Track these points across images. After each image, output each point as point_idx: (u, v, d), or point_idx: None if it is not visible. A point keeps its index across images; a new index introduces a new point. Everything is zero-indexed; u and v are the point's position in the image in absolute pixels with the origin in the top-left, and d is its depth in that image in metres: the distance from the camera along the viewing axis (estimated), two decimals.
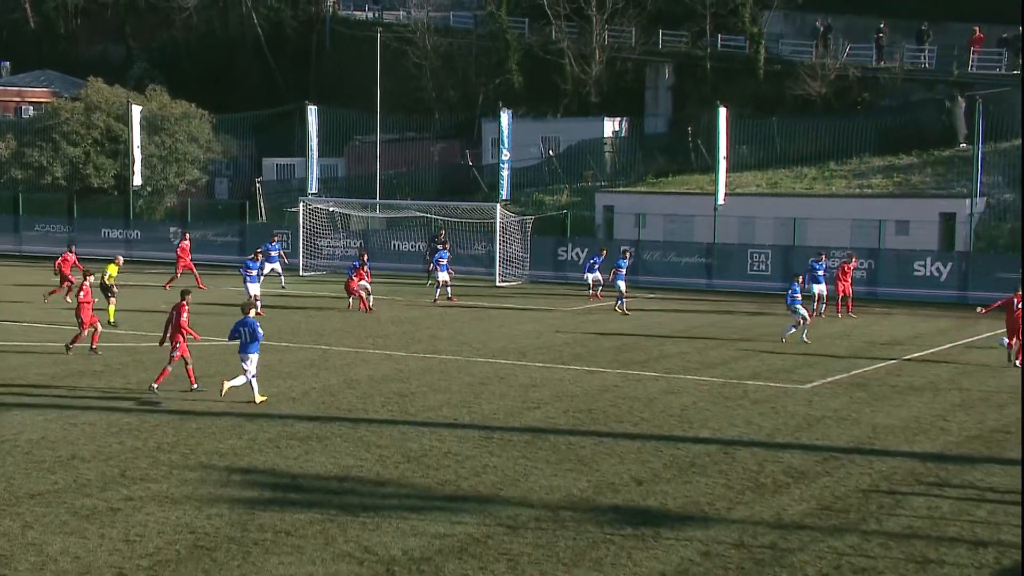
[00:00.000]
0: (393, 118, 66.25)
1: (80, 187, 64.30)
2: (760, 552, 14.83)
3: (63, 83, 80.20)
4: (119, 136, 63.28)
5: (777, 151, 58.65)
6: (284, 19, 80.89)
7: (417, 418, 22.11)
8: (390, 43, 66.26)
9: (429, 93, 72.08)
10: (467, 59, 73.22)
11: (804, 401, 24.27)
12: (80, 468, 18.23)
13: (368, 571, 13.90)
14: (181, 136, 65.63)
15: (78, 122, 64.91)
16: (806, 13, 65.72)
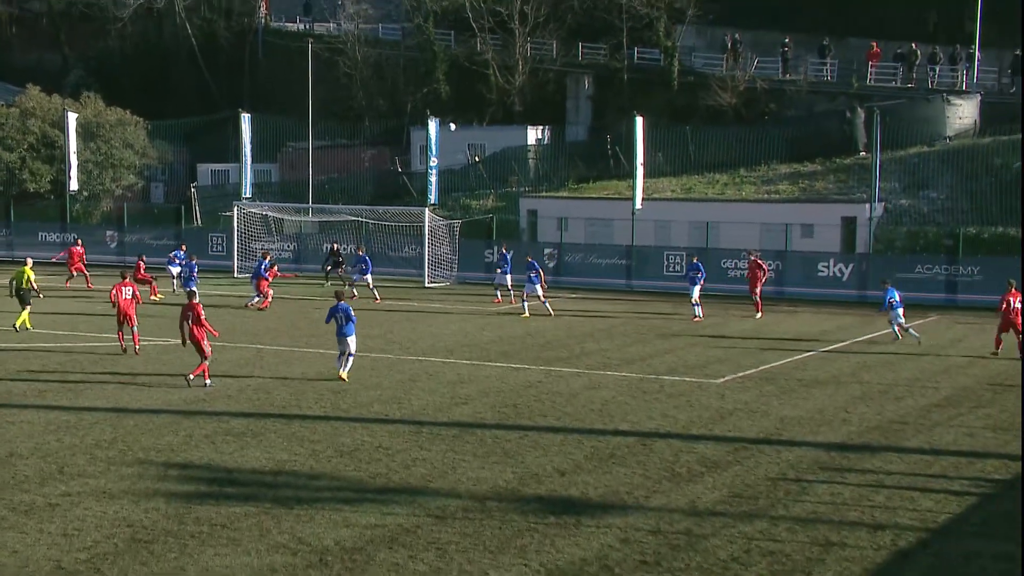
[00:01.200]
0: (325, 125, 65.85)
1: (17, 192, 63.09)
2: (675, 538, 14.98)
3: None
4: (55, 142, 62.19)
5: (691, 158, 59.16)
6: (217, 30, 79.98)
7: (349, 414, 22.02)
8: (321, 53, 65.86)
9: (360, 102, 71.74)
10: (396, 69, 73.03)
11: (717, 395, 24.54)
12: (18, 465, 17.92)
13: (302, 561, 13.84)
14: (116, 142, 64.67)
15: (13, 128, 63.71)
16: (716, 28, 66.41)
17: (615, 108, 64.97)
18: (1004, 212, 48.44)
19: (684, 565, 13.99)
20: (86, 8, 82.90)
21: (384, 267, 49.57)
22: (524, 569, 13.73)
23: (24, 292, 32.19)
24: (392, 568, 13.68)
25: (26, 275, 32.61)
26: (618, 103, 64.85)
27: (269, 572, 13.46)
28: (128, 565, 13.60)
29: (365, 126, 71.04)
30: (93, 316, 35.14)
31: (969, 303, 40.63)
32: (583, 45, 67.90)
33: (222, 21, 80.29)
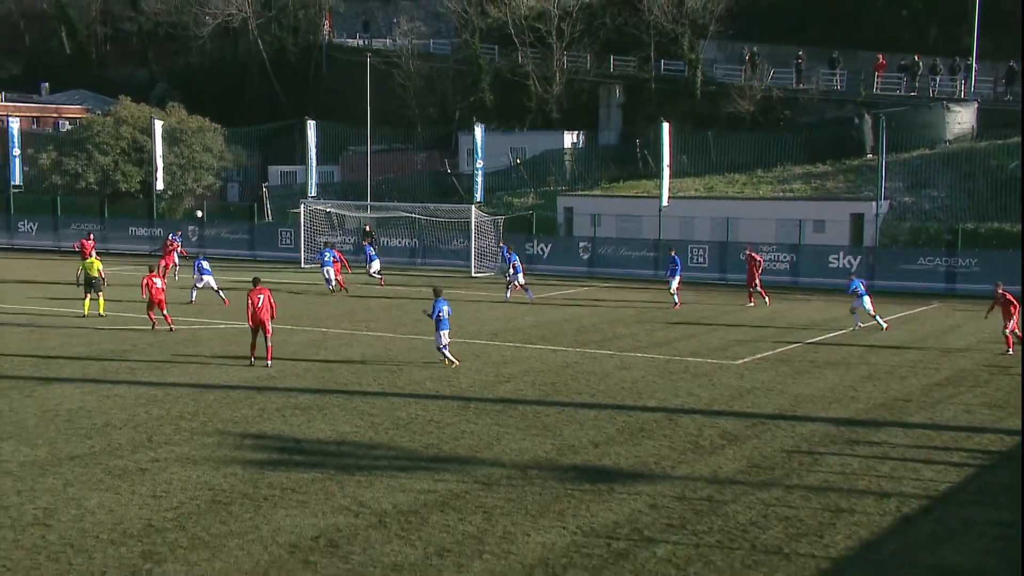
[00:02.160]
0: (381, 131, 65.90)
1: (110, 191, 63.65)
2: (699, 504, 14.91)
3: (95, 101, 79.36)
4: (144, 147, 62.67)
5: (712, 160, 58.78)
6: (286, 46, 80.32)
7: (404, 390, 22.08)
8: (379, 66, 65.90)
9: (413, 110, 71.82)
10: (445, 80, 73.03)
11: (736, 375, 24.38)
12: (113, 434, 18.11)
13: (363, 522, 13.89)
14: (197, 147, 65.06)
15: (108, 135, 64.24)
16: (736, 42, 65.88)
17: (643, 115, 64.63)
18: (999, 209, 47.84)
19: (707, 528, 13.92)
20: (171, 28, 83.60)
21: (435, 258, 49.70)
22: (562, 531, 13.72)
23: (96, 281, 32.26)
24: (443, 529, 13.70)
25: (95, 265, 32.80)
26: (646, 110, 64.51)
27: (334, 531, 13.53)
28: (209, 523, 13.72)
29: (417, 132, 71.12)
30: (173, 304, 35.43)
31: (967, 292, 40.09)
32: (614, 58, 67.62)
33: (290, 38, 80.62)
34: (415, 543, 13.19)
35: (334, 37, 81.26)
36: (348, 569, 12.34)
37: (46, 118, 79.27)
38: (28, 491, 14.91)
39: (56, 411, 19.64)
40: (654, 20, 64.96)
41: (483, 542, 13.28)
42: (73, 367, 23.84)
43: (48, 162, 64.08)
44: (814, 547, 13.34)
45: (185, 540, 13.12)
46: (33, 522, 13.68)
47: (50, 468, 16.03)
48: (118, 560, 12.47)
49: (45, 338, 27.83)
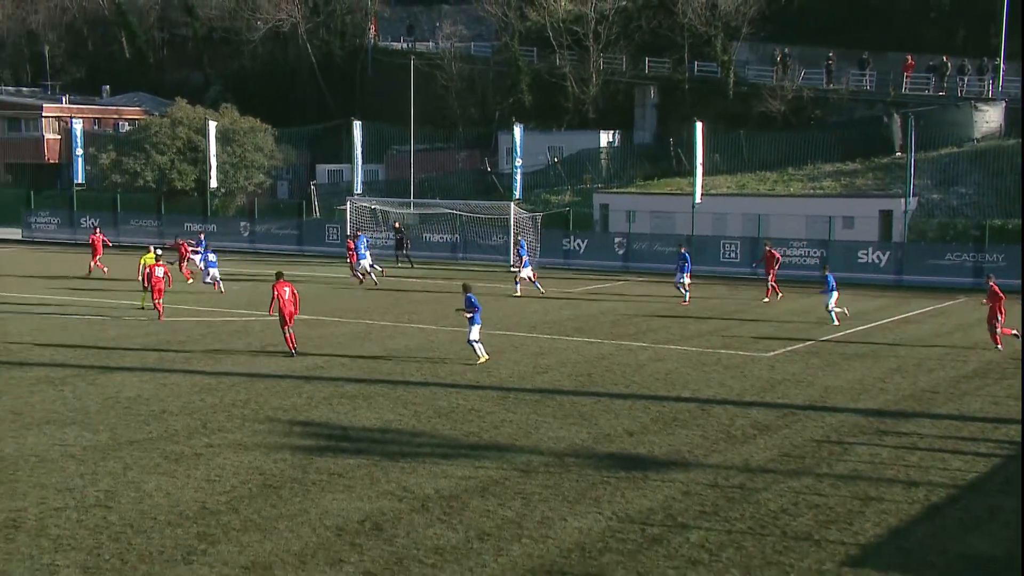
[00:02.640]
0: (424, 131, 66.05)
1: (167, 189, 64.31)
2: (731, 491, 14.82)
3: (152, 103, 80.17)
4: (198, 147, 63.24)
5: (744, 159, 58.37)
6: (333, 49, 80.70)
7: (445, 381, 22.12)
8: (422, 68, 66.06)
9: (454, 110, 71.91)
10: (486, 82, 73.04)
11: (767, 367, 24.21)
12: (169, 420, 18.30)
13: (406, 506, 13.94)
14: (249, 147, 65.56)
15: (165, 135, 64.90)
16: (768, 43, 65.38)
17: (677, 115, 64.28)
18: None
19: (739, 515, 13.83)
20: (224, 33, 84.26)
21: (475, 253, 49.72)
22: (598, 516, 13.69)
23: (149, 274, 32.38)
24: (484, 514, 13.72)
25: (151, 259, 32.81)
26: (680, 110, 64.16)
27: (379, 515, 13.58)
28: (260, 507, 13.82)
29: (459, 131, 71.21)
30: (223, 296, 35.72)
31: None
32: (649, 59, 67.32)
33: (337, 42, 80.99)
34: (456, 527, 13.21)
35: (379, 41, 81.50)
36: (392, 551, 12.39)
37: (107, 119, 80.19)
38: (91, 474, 15.11)
39: (116, 398, 19.87)
40: (688, 23, 64.64)
41: (522, 527, 13.28)
42: (132, 357, 24.11)
43: (108, 161, 64.86)
44: (843, 534, 13.22)
45: (238, 522, 13.23)
46: (95, 503, 13.85)
47: (111, 452, 16.23)
48: (175, 540, 12.60)
49: (106, 329, 28.17)
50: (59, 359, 23.57)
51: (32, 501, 13.89)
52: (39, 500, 13.94)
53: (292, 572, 11.74)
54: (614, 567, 12.09)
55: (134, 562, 11.94)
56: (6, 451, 16.21)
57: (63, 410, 18.89)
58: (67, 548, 12.31)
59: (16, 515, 13.36)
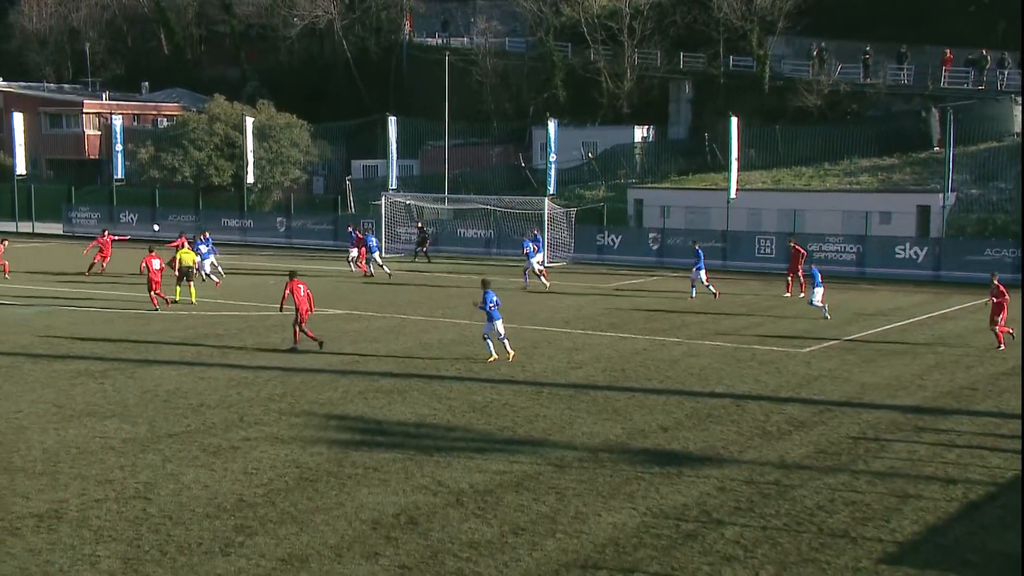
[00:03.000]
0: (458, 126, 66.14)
1: (204, 184, 64.84)
2: (767, 488, 14.73)
3: (191, 99, 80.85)
4: (235, 142, 63.71)
5: (780, 153, 57.98)
6: (369, 45, 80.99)
7: (480, 375, 22.15)
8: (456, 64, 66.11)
9: (488, 106, 71.95)
10: (520, 77, 73.00)
11: (803, 362, 24.03)
12: (207, 414, 18.46)
13: (441, 501, 13.98)
14: (285, 142, 65.95)
15: (203, 131, 65.43)
16: (804, 38, 64.85)
17: (712, 110, 63.92)
18: None
19: (774, 511, 13.75)
20: (261, 29, 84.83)
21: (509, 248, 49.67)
22: (632, 512, 13.66)
23: (188, 270, 32.62)
24: (518, 508, 13.73)
25: (191, 256, 33.01)
26: (714, 105, 63.78)
27: (414, 509, 13.63)
28: (297, 499, 13.92)
29: (493, 127, 71.24)
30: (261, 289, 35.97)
31: None
32: (684, 54, 67.01)
33: (372, 38, 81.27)
34: (491, 521, 13.23)
35: (414, 36, 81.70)
36: (427, 545, 12.43)
37: (146, 115, 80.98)
38: (130, 466, 15.28)
39: (155, 392, 20.08)
40: (723, 17, 64.26)
41: (556, 522, 13.27)
42: (171, 351, 24.34)
43: (147, 157, 65.50)
44: (880, 531, 13.10)
45: (275, 515, 13.33)
46: (135, 495, 14.01)
47: (150, 445, 16.40)
48: (213, 532, 12.71)
49: (146, 323, 28.46)
50: (99, 352, 23.85)
51: (73, 492, 14.07)
52: (80, 491, 14.12)
53: (328, 565, 11.81)
54: (648, 562, 12.06)
55: (173, 553, 12.06)
56: (48, 443, 16.43)
57: (103, 403, 19.11)
58: (108, 539, 12.46)
59: (58, 506, 13.53)
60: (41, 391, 19.93)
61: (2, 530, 12.65)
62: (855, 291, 38.00)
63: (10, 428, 17.25)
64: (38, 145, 74.95)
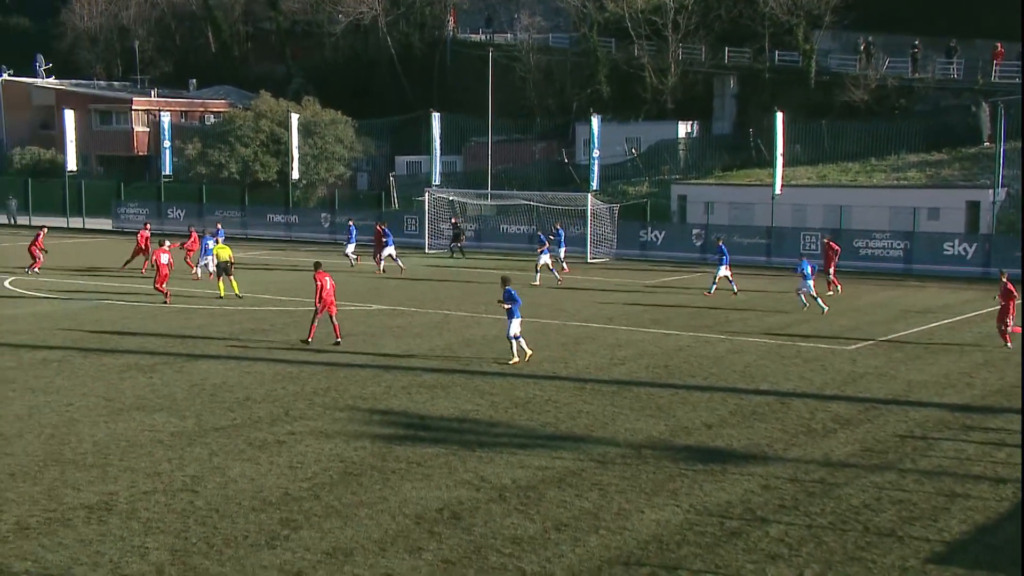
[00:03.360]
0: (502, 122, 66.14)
1: (250, 180, 65.44)
2: (812, 486, 14.60)
3: (237, 96, 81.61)
4: (281, 139, 64.22)
5: (826, 149, 57.37)
6: (413, 42, 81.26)
7: (522, 371, 22.14)
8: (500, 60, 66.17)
9: (532, 101, 71.91)
10: (563, 73, 72.89)
11: (849, 360, 23.78)
12: (253, 408, 18.64)
13: (484, 496, 14.00)
14: (330, 139, 66.39)
15: (249, 128, 66.03)
16: (851, 32, 64.09)
17: (757, 105, 63.42)
18: None
19: (820, 510, 13.63)
20: (307, 26, 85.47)
21: None
22: (676, 509, 13.60)
23: (225, 264, 32.92)
24: (561, 504, 13.72)
25: (226, 251, 33.24)
26: (760, 100, 63.29)
27: (456, 504, 13.67)
28: (341, 493, 14.01)
29: (536, 122, 71.19)
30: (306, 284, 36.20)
31: None
32: (729, 49, 66.52)
33: (417, 34, 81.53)
34: (534, 517, 13.23)
35: (458, 32, 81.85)
36: (470, 540, 12.46)
37: (193, 112, 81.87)
38: (178, 459, 15.47)
39: (202, 386, 20.30)
40: (769, 12, 63.69)
41: (599, 518, 13.25)
42: (217, 345, 24.60)
43: (194, 153, 66.24)
44: (928, 531, 12.94)
45: (319, 508, 13.43)
46: (182, 488, 14.18)
47: (197, 438, 16.59)
48: (258, 525, 12.84)
49: (192, 318, 28.78)
50: (148, 347, 24.16)
51: (123, 485, 14.27)
52: (129, 484, 14.32)
53: (372, 559, 11.88)
54: (692, 560, 12.00)
55: (220, 546, 12.20)
56: (98, 436, 16.68)
57: (152, 396, 19.37)
58: (156, 531, 12.63)
59: (108, 498, 13.74)
60: (92, 385, 20.23)
61: (54, 520, 12.86)
62: (902, 288, 37.53)
63: (62, 421, 17.54)
64: (88, 142, 76.03)
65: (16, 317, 28.15)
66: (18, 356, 22.83)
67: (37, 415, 17.86)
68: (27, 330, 26.12)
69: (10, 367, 21.69)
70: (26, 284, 35.24)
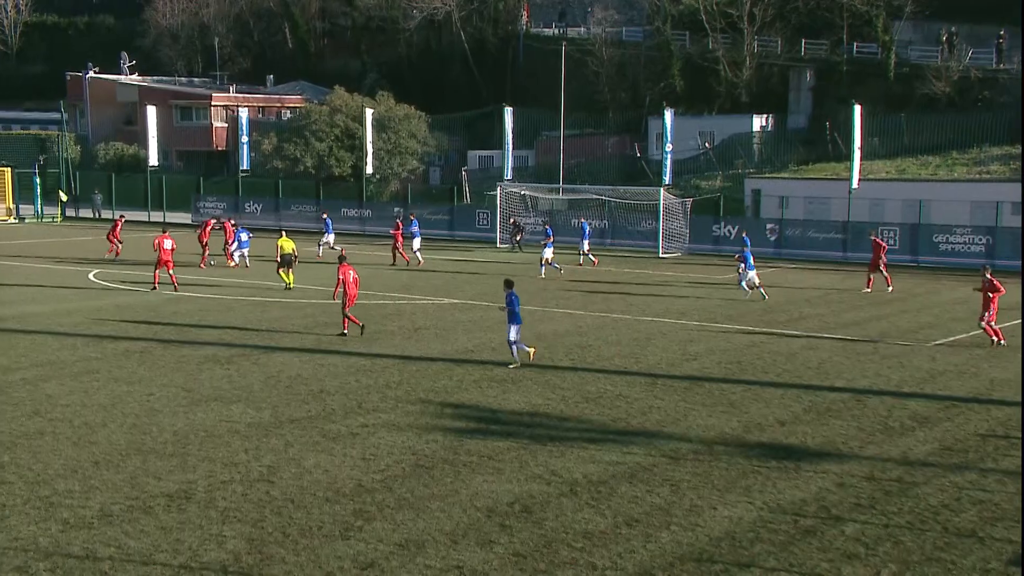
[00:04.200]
0: (574, 117, 66.02)
1: (325, 175, 66.24)
2: (888, 485, 14.33)
3: (313, 91, 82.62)
4: (355, 133, 64.90)
5: (905, 142, 56.23)
6: (486, 36, 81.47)
7: (593, 366, 22.10)
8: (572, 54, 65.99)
9: (604, 96, 71.63)
10: (636, 67, 72.49)
11: (928, 357, 23.28)
12: (327, 400, 18.88)
13: (555, 490, 14.00)
14: (403, 133, 66.88)
15: (324, 123, 66.84)
16: (932, 22, 62.66)
17: (834, 98, 62.38)
18: None
19: (897, 509, 13.37)
20: (381, 22, 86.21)
21: (623, 239, 49.40)
22: (749, 506, 13.46)
23: (287, 257, 33.22)
24: (632, 500, 13.66)
25: (289, 244, 33.39)
26: (837, 93, 62.25)
27: (528, 498, 13.69)
28: (414, 486, 14.13)
29: (609, 117, 70.93)
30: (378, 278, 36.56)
31: None
32: (806, 41, 65.56)
33: (490, 29, 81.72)
34: (605, 512, 13.20)
35: (531, 27, 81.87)
36: (541, 534, 12.47)
37: (270, 107, 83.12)
38: (254, 450, 15.74)
39: (278, 378, 20.62)
40: (848, 2, 62.56)
41: (670, 514, 13.17)
42: (291, 338, 24.95)
43: (271, 148, 67.26)
44: (1011, 532, 12.61)
45: (392, 500, 13.56)
46: (259, 478, 14.42)
47: (273, 430, 16.86)
48: (332, 516, 13.00)
49: (268, 311, 29.23)
50: (225, 339, 24.61)
51: (201, 474, 14.57)
52: (208, 473, 14.61)
53: (444, 551, 11.96)
54: (765, 557, 11.87)
55: (295, 536, 12.39)
56: (178, 426, 17.05)
57: (229, 388, 19.72)
58: (233, 520, 12.87)
59: (187, 487, 14.03)
60: (171, 375, 20.68)
61: (136, 508, 13.19)
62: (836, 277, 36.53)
63: (143, 411, 17.96)
64: (169, 137, 77.68)
65: (100, 308, 28.89)
66: (102, 347, 23.44)
67: (120, 405, 18.32)
68: (110, 321, 26.80)
69: (95, 357, 22.28)
70: (109, 276, 36.14)
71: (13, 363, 21.53)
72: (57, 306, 29.14)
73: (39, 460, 15.06)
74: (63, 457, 15.22)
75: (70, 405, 18.20)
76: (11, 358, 22.00)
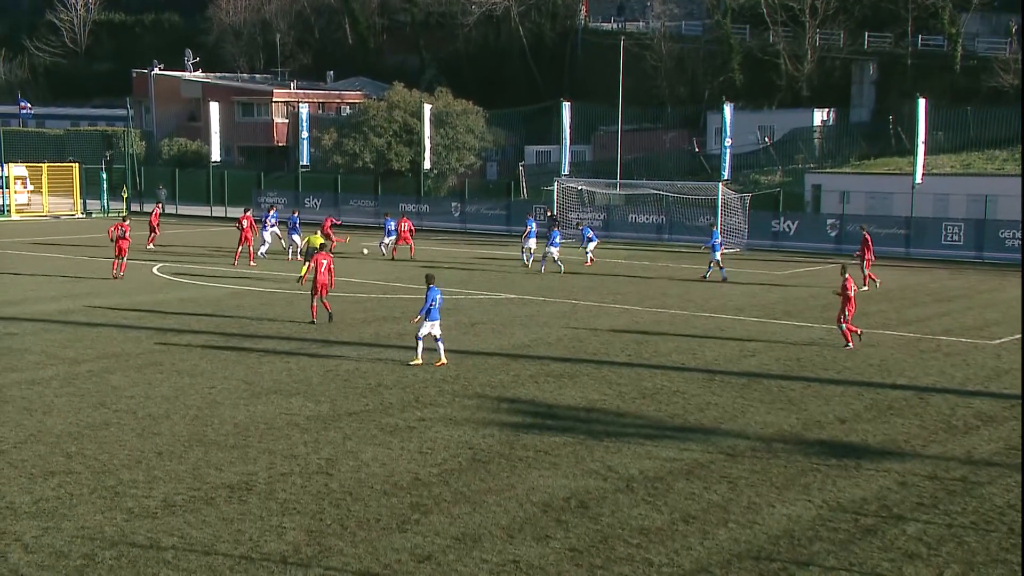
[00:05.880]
0: (632, 111, 65.69)
1: (384, 170, 66.66)
2: (952, 484, 14.08)
3: (372, 87, 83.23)
4: (413, 129, 65.20)
5: (971, 136, 55.10)
6: (544, 31, 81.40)
7: (650, 361, 21.99)
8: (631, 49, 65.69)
9: (663, 90, 71.22)
10: (695, 61, 71.96)
11: (993, 355, 22.81)
12: (384, 394, 19.00)
13: (611, 486, 13.97)
14: (461, 129, 67.06)
15: (383, 118, 67.25)
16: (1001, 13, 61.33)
17: (897, 91, 61.34)
18: None
19: (960, 509, 13.13)
20: (440, 18, 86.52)
21: (681, 235, 49.04)
22: (808, 504, 13.30)
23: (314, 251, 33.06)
24: (689, 496, 13.58)
25: (318, 240, 33.43)
26: (900, 86, 61.20)
27: (584, 493, 13.67)
28: (470, 480, 14.18)
29: (667, 111, 70.49)
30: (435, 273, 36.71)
31: None
32: (869, 34, 64.54)
33: (548, 23, 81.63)
34: (661, 508, 13.14)
35: (589, 21, 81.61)
36: (597, 530, 12.45)
37: (330, 103, 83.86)
38: (313, 442, 15.91)
39: (336, 371, 20.80)
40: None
41: (728, 511, 13.07)
42: (350, 331, 25.14)
43: (330, 143, 67.86)
44: None
45: (448, 494, 13.62)
46: (317, 471, 14.58)
47: (331, 422, 17.02)
48: (390, 509, 13.10)
49: None
50: (284, 333, 24.88)
51: (262, 466, 14.76)
52: (268, 465, 14.80)
53: (500, 545, 11.99)
54: (824, 556, 11.73)
55: (353, 528, 12.50)
56: (239, 418, 17.29)
57: (288, 381, 19.95)
58: (292, 512, 13.02)
59: (248, 478, 14.23)
60: (233, 368, 20.97)
61: (198, 499, 13.40)
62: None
63: (205, 403, 18.24)
64: (231, 133, 78.72)
65: (163, 302, 29.39)
66: (165, 339, 23.84)
67: (183, 397, 18.63)
68: (173, 315, 27.25)
69: (158, 350, 22.68)
70: (172, 270, 36.75)
71: (80, 355, 21.99)
72: (122, 299, 29.70)
73: (105, 450, 15.37)
74: (128, 448, 15.51)
75: (134, 397, 18.55)
76: (78, 350, 22.48)
